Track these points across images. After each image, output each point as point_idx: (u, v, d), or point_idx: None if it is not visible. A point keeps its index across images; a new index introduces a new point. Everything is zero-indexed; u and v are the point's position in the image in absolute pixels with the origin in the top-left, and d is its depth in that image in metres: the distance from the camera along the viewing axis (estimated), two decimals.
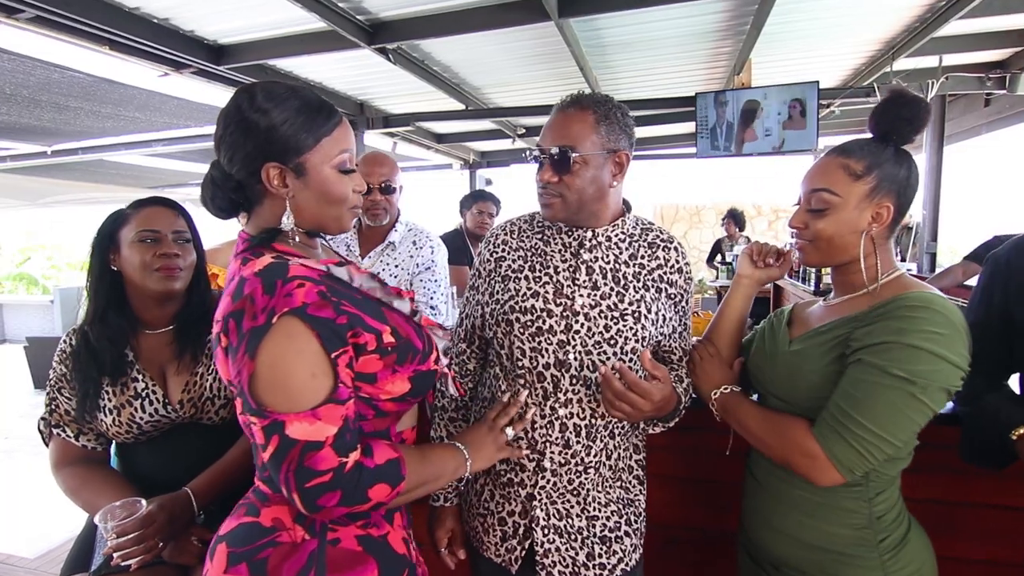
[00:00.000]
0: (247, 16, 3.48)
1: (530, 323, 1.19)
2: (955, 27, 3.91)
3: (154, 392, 1.34)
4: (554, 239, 1.26)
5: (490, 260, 1.30)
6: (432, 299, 2.14)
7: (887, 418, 0.95)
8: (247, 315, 0.84)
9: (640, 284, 1.21)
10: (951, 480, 1.50)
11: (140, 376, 1.34)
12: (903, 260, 6.17)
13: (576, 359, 1.17)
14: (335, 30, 3.40)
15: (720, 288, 6.33)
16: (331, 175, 0.96)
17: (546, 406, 1.19)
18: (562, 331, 1.17)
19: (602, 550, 1.21)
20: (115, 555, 1.13)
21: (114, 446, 1.43)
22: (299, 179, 0.94)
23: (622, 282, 1.20)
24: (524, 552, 1.22)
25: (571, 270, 1.21)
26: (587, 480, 1.20)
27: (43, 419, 1.38)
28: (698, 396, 1.26)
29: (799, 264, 1.19)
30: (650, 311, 1.19)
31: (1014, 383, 1.29)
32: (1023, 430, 1.12)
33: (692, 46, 4.42)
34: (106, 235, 1.36)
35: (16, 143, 5.85)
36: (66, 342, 1.37)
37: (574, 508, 1.21)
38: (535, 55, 4.38)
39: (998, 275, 1.20)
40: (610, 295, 1.19)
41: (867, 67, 5.02)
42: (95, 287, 1.35)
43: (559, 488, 1.20)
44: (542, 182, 1.18)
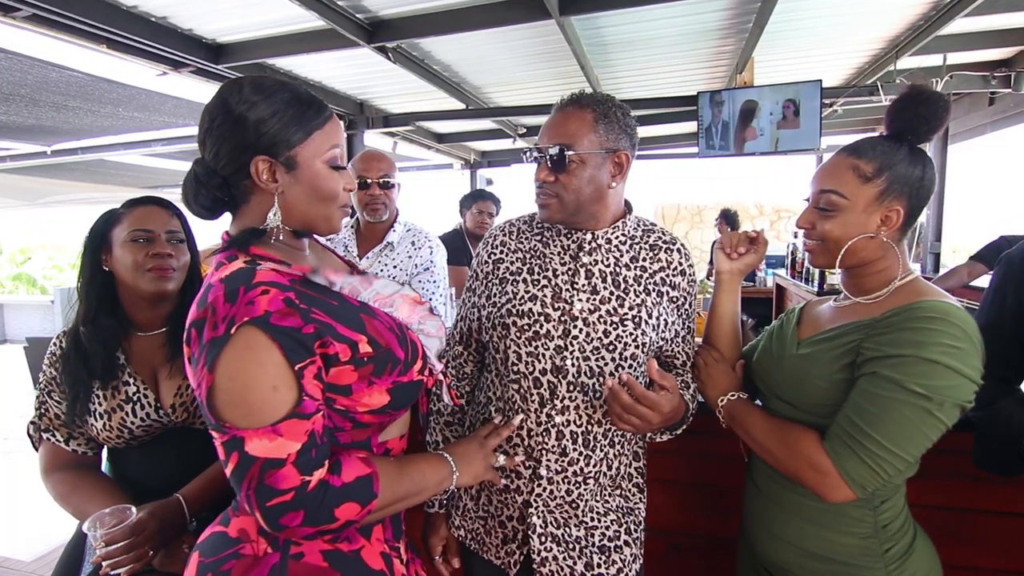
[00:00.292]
0: (246, 14, 3.46)
1: (527, 327, 1.16)
2: (960, 25, 3.88)
3: (146, 396, 1.31)
4: (553, 241, 1.23)
5: (488, 262, 1.27)
6: (431, 300, 2.12)
7: (902, 435, 0.91)
8: (208, 324, 0.80)
9: (641, 288, 1.18)
10: (960, 486, 1.47)
11: (132, 379, 1.31)
12: None
13: (574, 365, 1.14)
14: (334, 28, 3.39)
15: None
16: (322, 170, 0.93)
17: (542, 413, 1.16)
18: (560, 336, 1.14)
19: (601, 560, 1.19)
20: (104, 564, 1.10)
21: (105, 451, 1.40)
22: (289, 174, 0.90)
23: (622, 286, 1.17)
24: (522, 557, 1.20)
25: (570, 273, 1.18)
26: (586, 491, 1.18)
27: (33, 423, 1.35)
28: (704, 402, 1.24)
29: (801, 264, 1.17)
30: (651, 316, 1.16)
31: None
32: None
33: (694, 45, 4.40)
34: (98, 234, 1.33)
35: (15, 143, 5.84)
36: (56, 344, 1.34)
37: (572, 518, 1.18)
38: (536, 54, 4.36)
39: (1011, 276, 1.18)
40: (610, 299, 1.16)
41: (871, 66, 4.99)
42: (86, 288, 1.33)
43: (556, 497, 1.17)
44: (539, 181, 1.16)
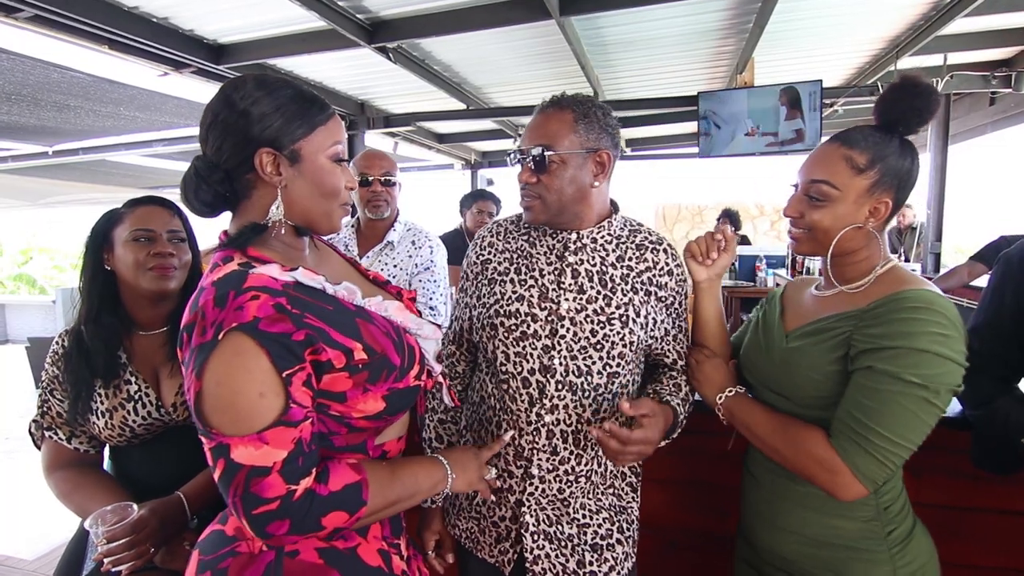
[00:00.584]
0: (247, 15, 3.47)
1: (514, 327, 1.17)
2: (960, 25, 3.89)
3: (147, 395, 1.32)
4: (539, 241, 1.23)
5: (476, 263, 1.28)
6: (431, 299, 2.12)
7: (905, 425, 0.93)
8: (197, 329, 0.80)
9: (628, 287, 1.18)
10: (959, 485, 1.48)
11: (133, 378, 1.32)
12: (907, 260, 6.15)
13: (561, 364, 1.15)
14: (335, 29, 3.40)
15: (723, 288, 6.31)
16: (326, 164, 0.93)
17: (532, 412, 1.17)
18: (547, 336, 1.15)
19: (593, 558, 1.19)
20: (105, 561, 1.11)
21: (107, 449, 1.41)
22: (293, 167, 0.90)
23: (609, 285, 1.17)
24: (516, 556, 1.21)
25: (556, 273, 1.18)
26: (577, 489, 1.18)
27: (35, 421, 1.36)
28: (702, 400, 1.23)
29: (801, 264, 1.16)
30: (639, 314, 1.17)
31: None
32: None
33: (694, 45, 4.40)
34: (100, 234, 1.33)
35: (17, 143, 5.86)
36: (58, 343, 1.35)
37: (564, 515, 1.19)
38: (536, 54, 4.37)
39: (1009, 276, 1.18)
40: (596, 298, 1.16)
41: (871, 65, 4.99)
42: (88, 287, 1.33)
43: (548, 495, 1.18)
44: (521, 183, 1.16)
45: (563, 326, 1.15)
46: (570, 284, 1.17)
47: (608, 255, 1.19)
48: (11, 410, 6.10)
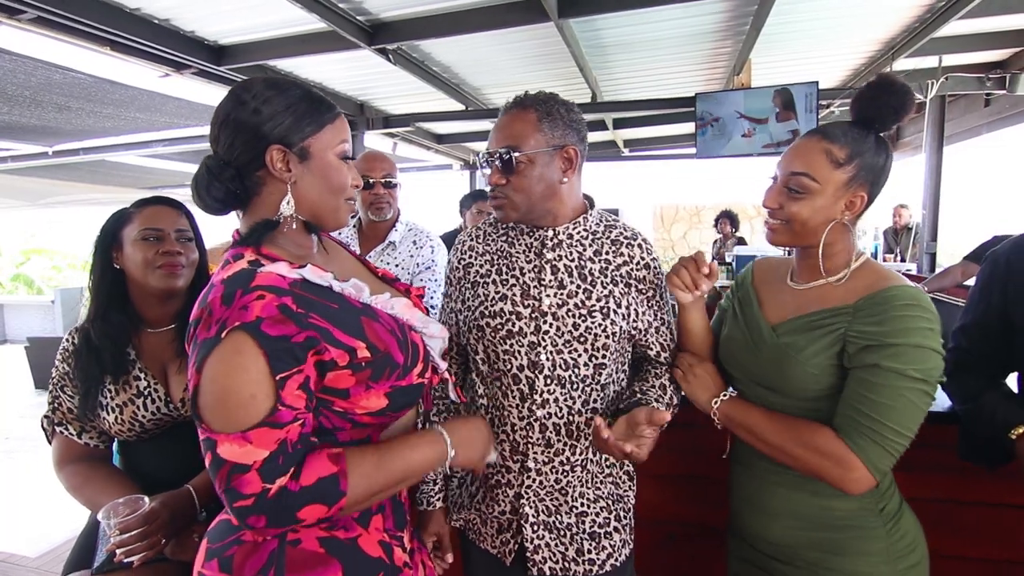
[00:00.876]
0: (248, 17, 3.50)
1: (500, 327, 1.20)
2: (955, 27, 3.92)
3: (156, 390, 1.34)
4: (518, 240, 1.26)
5: (459, 267, 1.31)
6: (432, 298, 2.15)
7: (910, 417, 0.98)
8: (203, 325, 0.83)
9: (608, 280, 1.20)
10: (949, 479, 1.51)
11: (142, 374, 1.35)
12: (903, 260, 6.19)
13: (548, 359, 1.17)
14: (335, 30, 3.42)
15: (720, 288, 6.33)
16: (333, 161, 0.96)
17: (524, 408, 1.19)
18: (532, 332, 1.18)
19: (591, 546, 1.22)
20: (118, 552, 1.14)
21: (116, 444, 1.43)
22: (302, 163, 0.93)
23: (588, 279, 1.19)
24: (517, 546, 1.24)
25: (536, 270, 1.21)
26: (574, 478, 1.21)
27: (46, 417, 1.39)
28: (696, 406, 1.21)
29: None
30: (619, 306, 1.19)
31: (1012, 382, 1.29)
32: (1021, 430, 1.12)
33: (692, 46, 4.43)
34: (109, 233, 1.37)
35: (17, 143, 5.87)
36: (68, 340, 1.37)
37: (563, 506, 1.21)
38: (535, 55, 4.39)
39: (997, 275, 1.21)
40: (577, 292, 1.18)
41: (867, 67, 5.03)
42: (97, 285, 1.36)
43: (545, 487, 1.21)
44: (490, 185, 1.18)
45: (546, 322, 1.17)
46: (550, 280, 1.19)
47: (585, 250, 1.21)
48: (11, 410, 6.09)
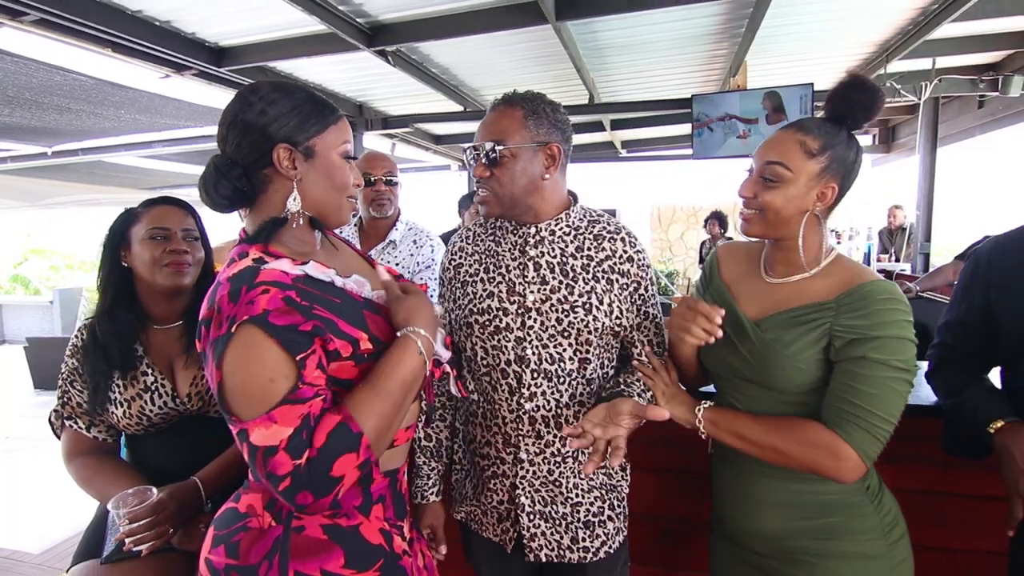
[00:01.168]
0: (248, 19, 3.52)
1: (488, 323, 1.24)
2: (948, 30, 3.96)
3: (163, 385, 1.38)
4: (504, 239, 1.29)
5: (449, 268, 1.35)
6: (432, 296, 2.19)
7: (895, 405, 1.02)
8: (214, 323, 0.87)
9: (590, 275, 1.22)
10: (935, 472, 1.54)
11: (149, 370, 1.38)
12: (897, 260, 6.23)
13: (534, 354, 1.21)
14: (335, 32, 3.45)
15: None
16: (337, 160, 1.00)
17: (513, 401, 1.24)
18: (518, 328, 1.22)
19: (586, 534, 1.26)
20: (127, 541, 1.18)
21: (123, 438, 1.47)
22: (307, 162, 0.97)
23: (570, 275, 1.23)
24: (516, 534, 1.28)
25: (520, 268, 1.24)
26: (566, 469, 1.25)
27: (55, 411, 1.42)
28: (681, 423, 1.19)
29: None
30: (602, 302, 1.21)
31: (996, 377, 1.32)
32: (1000, 424, 1.15)
33: (688, 49, 4.47)
34: (118, 232, 1.40)
35: (17, 144, 5.89)
36: (77, 336, 1.41)
37: (558, 496, 1.25)
38: (533, 57, 4.42)
39: (979, 273, 1.24)
40: (559, 288, 1.22)
41: (862, 69, 5.07)
42: (105, 283, 1.40)
43: (539, 477, 1.25)
44: (476, 178, 1.22)
45: (531, 317, 1.21)
46: (533, 277, 1.23)
47: (567, 246, 1.25)
48: (11, 410, 6.11)
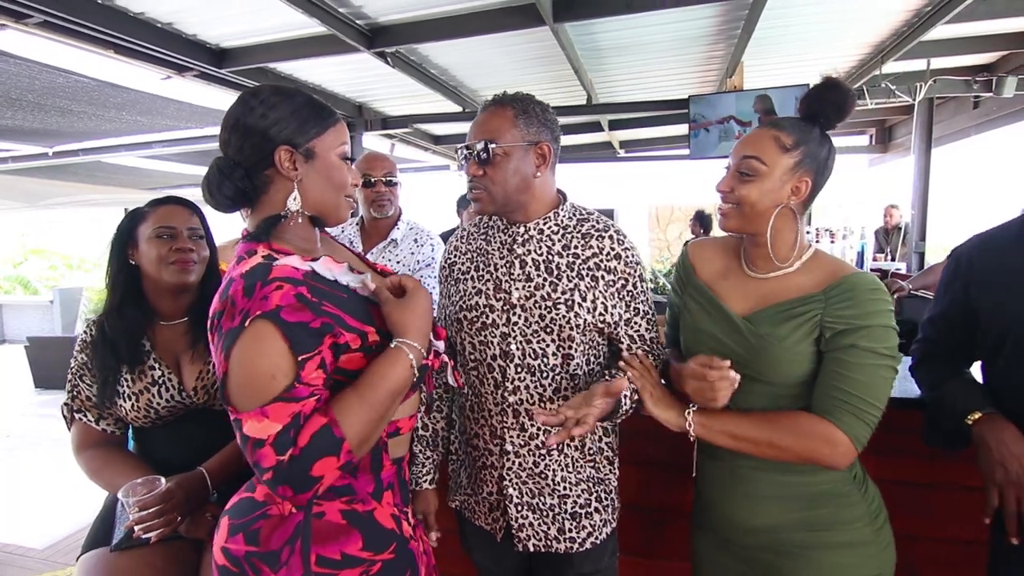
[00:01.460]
0: (249, 20, 3.56)
1: (476, 319, 1.28)
2: (942, 31, 4.01)
3: (170, 380, 1.42)
4: (494, 238, 1.34)
5: (445, 267, 1.41)
6: (432, 294, 2.22)
7: (883, 391, 1.07)
8: (227, 315, 0.90)
9: (574, 273, 1.25)
10: (920, 463, 1.59)
11: (157, 364, 1.42)
12: (893, 259, 6.28)
13: (518, 348, 1.25)
14: (335, 34, 3.49)
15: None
16: (335, 161, 1.04)
17: (498, 394, 1.28)
18: (504, 324, 1.26)
19: (572, 525, 1.30)
20: (136, 528, 1.22)
21: (131, 430, 1.51)
22: (307, 163, 1.01)
23: (555, 272, 1.26)
24: (505, 523, 1.32)
25: (507, 265, 1.28)
26: (552, 462, 1.29)
27: (66, 404, 1.47)
28: (670, 428, 1.19)
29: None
30: (584, 299, 1.24)
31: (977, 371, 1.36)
32: (977, 415, 1.19)
33: (685, 50, 4.51)
34: (125, 231, 1.44)
35: (17, 144, 5.91)
36: (86, 332, 1.45)
37: (545, 488, 1.29)
38: (531, 58, 4.46)
39: (960, 271, 1.27)
40: (543, 286, 1.25)
41: (857, 70, 5.12)
42: (114, 280, 1.44)
43: (526, 468, 1.29)
44: (469, 176, 1.26)
45: (516, 314, 1.25)
46: (519, 274, 1.27)
47: (554, 244, 1.28)
48: (12, 409, 6.13)
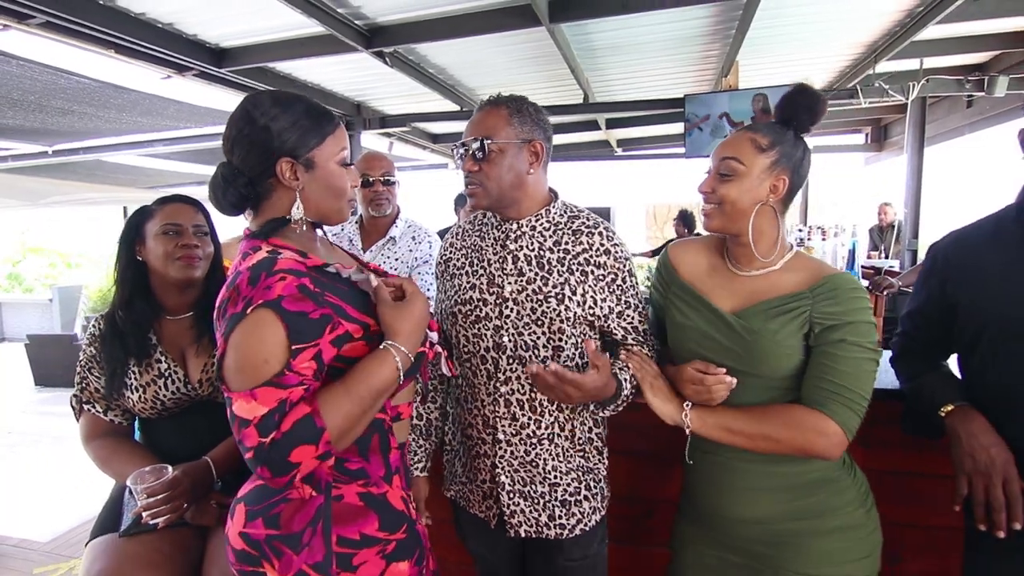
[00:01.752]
0: (249, 21, 3.59)
1: (470, 312, 1.34)
2: (934, 31, 4.05)
3: (176, 372, 1.47)
4: (488, 234, 1.39)
5: (441, 263, 1.47)
6: (429, 290, 2.27)
7: (868, 382, 1.14)
8: (231, 302, 0.95)
9: (564, 268, 1.30)
10: (906, 453, 1.64)
11: (163, 357, 1.47)
12: (887, 257, 6.33)
13: (510, 341, 1.30)
14: (333, 34, 3.52)
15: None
16: (335, 169, 1.09)
17: (490, 385, 1.33)
18: (496, 317, 1.31)
19: (562, 512, 1.35)
20: (144, 514, 1.27)
21: (137, 421, 1.56)
22: (308, 172, 1.06)
23: (546, 267, 1.31)
24: (499, 511, 1.37)
25: (500, 261, 1.34)
26: (543, 450, 1.33)
27: (75, 396, 1.52)
28: (666, 421, 1.24)
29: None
30: (575, 293, 1.29)
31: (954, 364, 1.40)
32: (950, 407, 1.24)
33: (680, 49, 4.55)
34: (133, 228, 1.49)
35: (17, 143, 5.93)
36: (95, 326, 1.50)
37: (536, 476, 1.34)
38: (528, 58, 4.50)
39: (936, 267, 1.31)
40: (535, 280, 1.30)
41: (851, 69, 5.17)
42: (122, 276, 1.49)
43: (517, 457, 1.33)
44: (465, 172, 1.31)
45: (508, 307, 1.30)
46: (511, 269, 1.32)
47: (546, 240, 1.34)
48: (12, 406, 6.17)
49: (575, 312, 1.29)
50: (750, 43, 4.08)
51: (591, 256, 1.32)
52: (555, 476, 1.34)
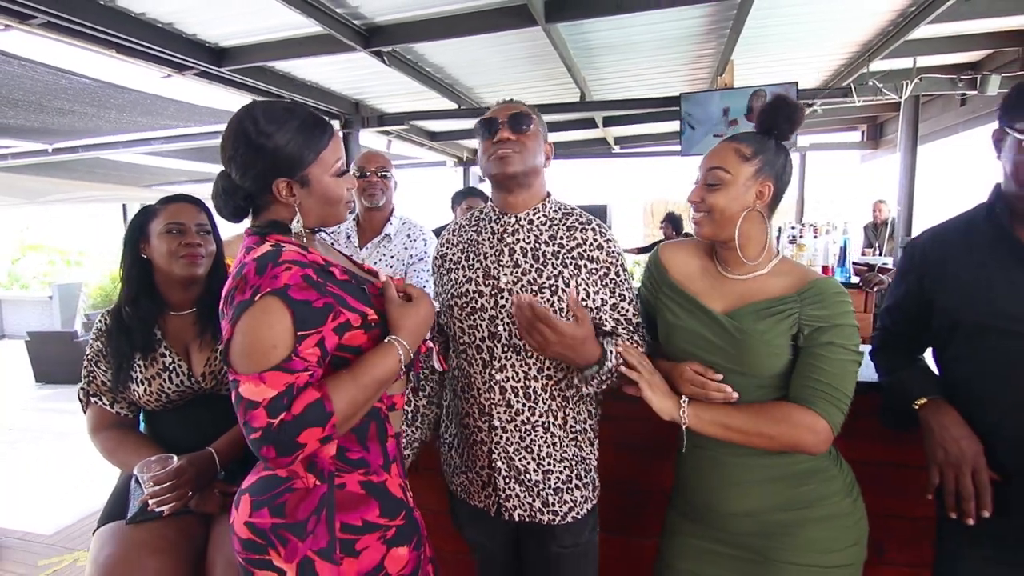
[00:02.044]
0: (248, 20, 3.62)
1: (466, 304, 1.39)
2: (927, 30, 4.08)
3: (180, 366, 1.51)
4: (485, 229, 1.45)
5: (438, 258, 1.53)
6: (425, 287, 2.32)
7: (852, 381, 1.20)
8: (239, 291, 1.00)
9: (559, 261, 1.36)
10: (889, 445, 1.67)
11: (167, 352, 1.52)
12: (880, 254, 6.37)
13: (505, 330, 1.36)
14: (332, 34, 3.55)
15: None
16: (331, 182, 1.14)
17: (486, 373, 1.38)
18: (492, 307, 1.36)
19: (555, 499, 1.40)
20: (151, 502, 1.32)
21: (143, 414, 1.60)
22: (304, 188, 1.11)
23: (541, 260, 1.36)
24: (496, 500, 1.42)
25: (497, 254, 1.40)
26: (538, 437, 1.38)
27: (82, 388, 1.57)
28: (663, 416, 1.26)
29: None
30: (568, 285, 1.35)
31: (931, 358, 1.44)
32: (923, 401, 1.29)
33: (675, 48, 4.58)
34: (137, 227, 1.54)
35: (17, 141, 5.95)
36: (101, 321, 1.55)
37: (531, 463, 1.39)
38: (524, 57, 4.53)
39: (913, 264, 1.35)
40: (530, 271, 1.36)
41: (845, 68, 5.20)
42: (128, 274, 1.54)
43: (512, 443, 1.38)
44: (502, 140, 1.36)
45: (503, 297, 1.36)
46: (507, 261, 1.38)
47: (541, 234, 1.39)
48: (13, 403, 6.21)
49: (568, 304, 1.33)
50: (744, 42, 4.11)
51: (584, 251, 1.37)
52: (549, 463, 1.39)
